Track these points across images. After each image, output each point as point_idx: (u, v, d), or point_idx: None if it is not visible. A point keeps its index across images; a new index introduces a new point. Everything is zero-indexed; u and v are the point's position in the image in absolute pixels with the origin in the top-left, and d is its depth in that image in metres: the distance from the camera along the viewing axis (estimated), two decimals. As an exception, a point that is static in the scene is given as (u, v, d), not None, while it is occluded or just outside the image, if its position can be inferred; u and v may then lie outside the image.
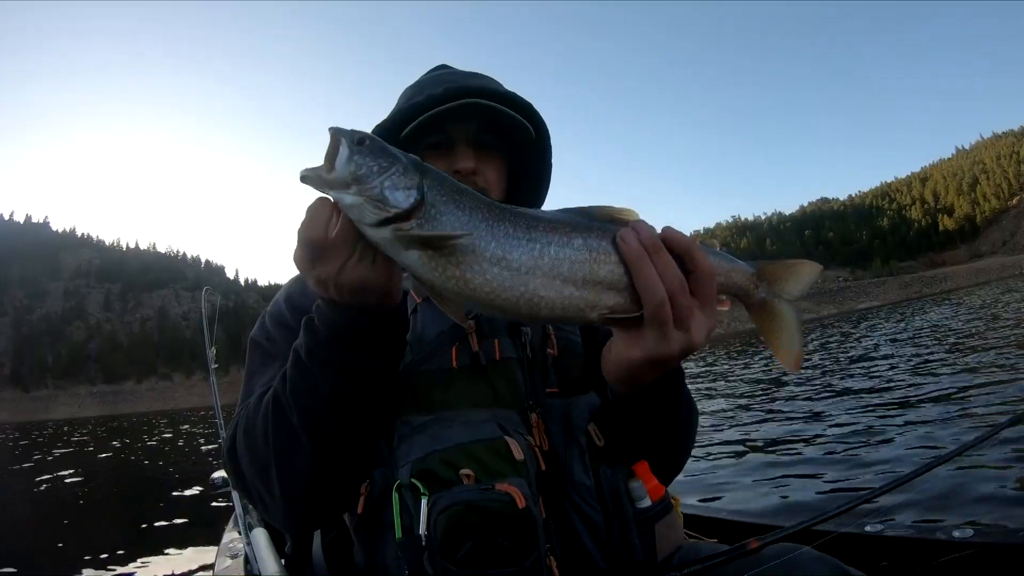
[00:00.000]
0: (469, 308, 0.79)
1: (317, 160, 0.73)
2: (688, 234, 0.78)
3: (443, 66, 1.31)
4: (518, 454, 0.89)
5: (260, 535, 1.68)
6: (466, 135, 1.15)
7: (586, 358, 1.13)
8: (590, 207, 0.85)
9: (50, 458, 18.54)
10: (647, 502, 0.97)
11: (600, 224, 0.81)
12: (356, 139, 0.76)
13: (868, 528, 1.70)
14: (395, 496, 0.86)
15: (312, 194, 0.74)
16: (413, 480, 0.85)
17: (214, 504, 7.16)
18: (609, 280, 0.78)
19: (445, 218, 0.75)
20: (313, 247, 0.77)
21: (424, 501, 0.83)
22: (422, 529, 0.81)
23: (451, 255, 0.74)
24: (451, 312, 0.76)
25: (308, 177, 0.76)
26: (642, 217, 0.77)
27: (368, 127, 1.01)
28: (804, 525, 1.12)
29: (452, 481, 0.84)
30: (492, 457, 0.88)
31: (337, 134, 0.76)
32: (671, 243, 0.79)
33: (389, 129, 1.14)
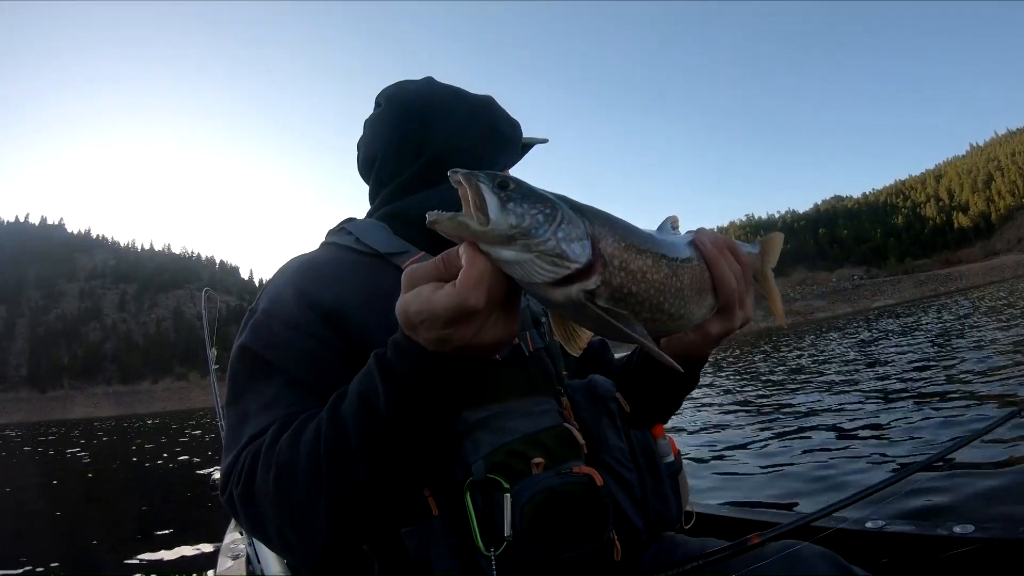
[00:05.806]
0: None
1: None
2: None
3: (429, 81, 1.20)
4: (580, 438, 0.93)
5: None
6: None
7: None
8: (665, 220, 0.90)
9: (53, 459, 18.75)
10: (671, 457, 1.08)
11: (681, 235, 0.86)
12: (497, 182, 0.62)
13: (869, 524, 1.70)
14: (467, 494, 0.83)
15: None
16: (489, 475, 0.83)
17: (215, 504, 7.11)
18: (710, 281, 0.84)
19: (634, 265, 0.66)
20: (463, 312, 0.62)
21: (507, 495, 0.82)
22: (507, 521, 0.80)
23: (643, 300, 0.67)
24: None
25: (445, 223, 0.60)
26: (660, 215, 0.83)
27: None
28: (804, 521, 1.13)
29: (524, 471, 0.85)
30: (557, 444, 0.90)
31: (471, 177, 0.61)
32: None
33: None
